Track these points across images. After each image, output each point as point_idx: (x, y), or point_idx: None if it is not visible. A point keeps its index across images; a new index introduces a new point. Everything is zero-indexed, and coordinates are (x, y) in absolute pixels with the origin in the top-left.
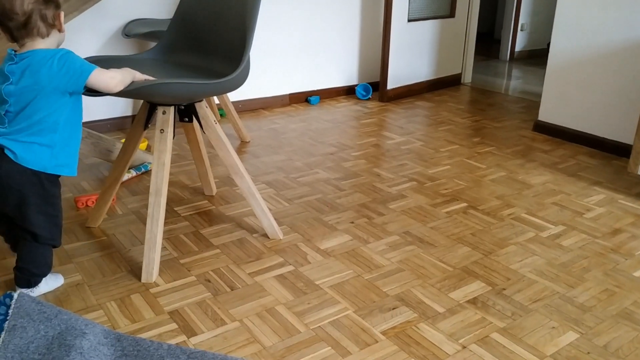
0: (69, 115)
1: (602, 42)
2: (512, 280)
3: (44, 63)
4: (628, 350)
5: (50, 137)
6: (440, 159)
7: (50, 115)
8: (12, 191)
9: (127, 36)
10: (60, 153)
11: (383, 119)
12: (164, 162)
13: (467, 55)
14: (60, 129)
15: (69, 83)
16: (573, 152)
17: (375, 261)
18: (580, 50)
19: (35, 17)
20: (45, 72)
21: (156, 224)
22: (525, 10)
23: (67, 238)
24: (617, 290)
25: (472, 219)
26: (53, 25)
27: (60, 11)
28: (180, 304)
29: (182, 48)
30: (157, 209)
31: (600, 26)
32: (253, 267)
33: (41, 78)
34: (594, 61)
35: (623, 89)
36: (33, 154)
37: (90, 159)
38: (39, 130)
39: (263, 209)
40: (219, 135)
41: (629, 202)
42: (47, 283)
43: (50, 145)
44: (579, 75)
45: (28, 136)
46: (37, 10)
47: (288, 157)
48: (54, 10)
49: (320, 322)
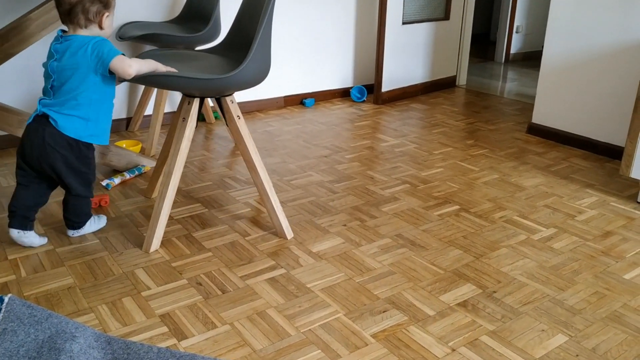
0: (101, 94)
1: (596, 44)
2: (503, 283)
3: (81, 46)
4: (617, 352)
5: (85, 111)
6: (434, 162)
7: (84, 92)
8: (52, 152)
9: (121, 39)
10: (93, 125)
11: (377, 122)
12: (180, 149)
13: (462, 57)
14: (94, 105)
15: (97, 65)
16: (566, 155)
17: (366, 264)
18: (573, 53)
19: (78, 9)
20: (81, 54)
21: (163, 201)
22: (520, 12)
23: (59, 241)
24: (607, 292)
25: (464, 222)
26: (93, 21)
27: (106, 11)
28: (171, 307)
29: (239, 43)
30: (166, 189)
31: (594, 29)
32: (245, 270)
33: (77, 59)
34: (588, 64)
35: (616, 92)
36: (71, 124)
37: None
38: (76, 104)
39: (275, 207)
40: (240, 130)
41: (620, 204)
42: (92, 225)
43: (85, 118)
44: (573, 78)
45: (67, 109)
46: (82, 4)
47: (282, 159)
48: (98, 8)
49: (311, 325)
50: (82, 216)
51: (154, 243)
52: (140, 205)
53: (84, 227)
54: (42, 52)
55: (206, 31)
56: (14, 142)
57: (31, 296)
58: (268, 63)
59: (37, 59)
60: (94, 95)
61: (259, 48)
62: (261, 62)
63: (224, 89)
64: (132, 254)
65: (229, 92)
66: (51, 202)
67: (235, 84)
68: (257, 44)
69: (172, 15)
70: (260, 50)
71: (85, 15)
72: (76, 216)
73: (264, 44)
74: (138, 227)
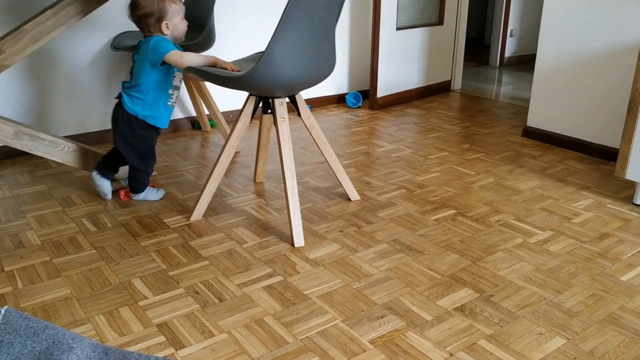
0: (157, 83)
1: (588, 47)
2: (500, 286)
3: (147, 44)
4: (614, 355)
5: (144, 95)
6: (430, 166)
7: (144, 79)
8: (117, 124)
9: (115, 49)
10: (149, 107)
11: (373, 127)
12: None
13: (457, 62)
14: (151, 90)
15: (153, 58)
16: (561, 157)
17: (363, 270)
18: (566, 56)
19: (141, 25)
20: (144, 50)
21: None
22: (514, 16)
23: (56, 252)
24: (604, 295)
25: (461, 226)
26: (153, 31)
27: (163, 21)
28: (168, 317)
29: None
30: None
31: (586, 32)
32: (242, 278)
33: (143, 53)
34: (581, 66)
35: (610, 94)
36: (132, 103)
37: (80, 171)
38: (138, 88)
39: (292, 213)
40: (280, 132)
41: (616, 206)
42: (151, 194)
43: (143, 101)
44: (567, 81)
45: (133, 91)
46: (140, 19)
47: (278, 166)
48: (153, 21)
49: (309, 332)
50: (139, 184)
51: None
52: (137, 215)
53: (142, 194)
54: (39, 63)
55: (201, 39)
56: (9, 153)
57: (28, 308)
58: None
59: (32, 70)
60: (152, 83)
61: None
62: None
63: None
64: (128, 264)
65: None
66: (47, 212)
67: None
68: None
69: None
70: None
71: (147, 28)
72: (133, 182)
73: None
74: (135, 236)
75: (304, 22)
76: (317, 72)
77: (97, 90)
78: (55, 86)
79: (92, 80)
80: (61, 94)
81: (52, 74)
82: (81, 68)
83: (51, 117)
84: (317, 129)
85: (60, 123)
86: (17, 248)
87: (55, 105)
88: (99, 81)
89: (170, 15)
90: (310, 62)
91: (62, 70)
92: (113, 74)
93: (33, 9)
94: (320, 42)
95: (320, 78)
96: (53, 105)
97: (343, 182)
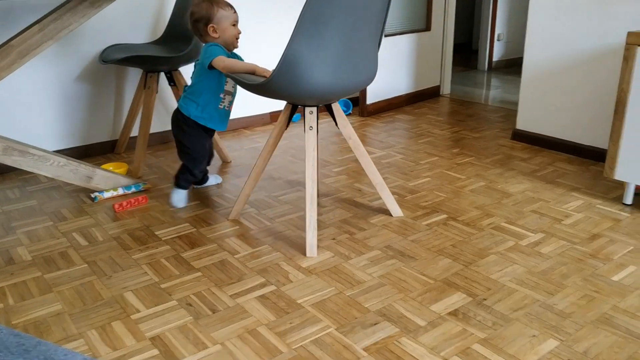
0: (208, 86)
1: (574, 50)
2: (493, 290)
3: (203, 49)
4: (607, 355)
5: (196, 97)
6: (421, 172)
7: (199, 83)
8: (175, 124)
9: (104, 62)
10: (201, 109)
11: (364, 134)
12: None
13: (445, 67)
14: (203, 93)
15: (203, 61)
16: (551, 159)
17: (356, 277)
18: (553, 59)
19: (195, 30)
20: (201, 54)
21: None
22: (500, 20)
23: (47, 267)
24: (596, 295)
25: (452, 230)
26: (204, 35)
27: (211, 25)
28: (161, 329)
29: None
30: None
31: (572, 34)
32: (234, 289)
33: (200, 57)
34: (568, 69)
35: (597, 95)
36: (186, 105)
37: (69, 185)
38: (193, 91)
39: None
40: (307, 140)
41: (606, 206)
42: (210, 181)
43: (196, 102)
44: (554, 83)
45: (189, 93)
46: (194, 25)
47: (270, 175)
48: (202, 26)
49: (302, 341)
50: (183, 181)
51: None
52: (129, 228)
53: (183, 192)
54: (26, 77)
55: (188, 50)
56: None
57: (19, 324)
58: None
59: (20, 84)
60: (204, 87)
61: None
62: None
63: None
64: (121, 277)
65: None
66: (38, 228)
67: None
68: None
69: (154, 36)
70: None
71: (199, 34)
72: (180, 176)
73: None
74: (126, 249)
75: (334, 22)
76: (351, 80)
77: (86, 103)
78: (43, 100)
79: (81, 94)
80: (50, 108)
81: (40, 87)
82: (69, 82)
83: (40, 131)
84: (355, 140)
85: (50, 137)
86: (7, 264)
87: (44, 120)
88: (87, 95)
89: (217, 19)
90: (342, 68)
91: (50, 84)
92: (102, 87)
93: (20, 24)
94: (356, 46)
95: (356, 87)
96: (42, 120)
97: (385, 197)
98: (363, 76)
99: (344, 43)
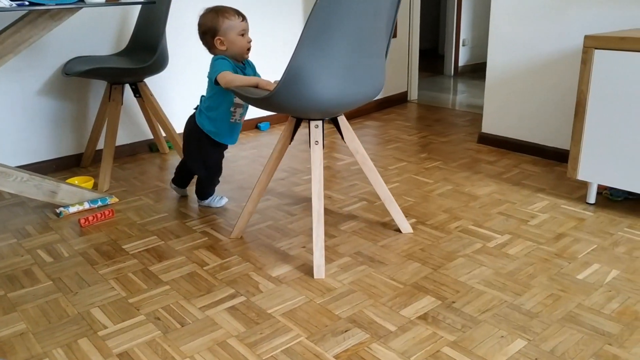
0: (218, 100)
1: (536, 54)
2: (461, 292)
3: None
4: (574, 352)
5: (209, 112)
6: (389, 177)
7: (210, 97)
8: (188, 134)
9: (67, 75)
10: (213, 123)
11: (333, 141)
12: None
13: (412, 73)
14: (214, 107)
15: (209, 76)
16: (517, 162)
17: (327, 284)
18: (516, 63)
19: (203, 42)
20: (209, 68)
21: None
22: (465, 25)
23: (10, 286)
24: (562, 294)
25: (421, 234)
26: (212, 48)
27: (218, 37)
28: (129, 345)
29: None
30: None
31: (532, 39)
32: (204, 301)
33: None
34: (530, 72)
35: (559, 97)
36: (201, 119)
37: (34, 201)
38: (205, 104)
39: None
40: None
41: (570, 206)
42: (215, 202)
43: (210, 117)
44: (517, 87)
45: (203, 106)
46: (202, 38)
47: (239, 185)
48: (209, 38)
49: (273, 351)
50: (204, 192)
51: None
52: (95, 243)
53: (207, 201)
54: None
55: (153, 61)
56: None
57: None
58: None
59: None
60: (214, 101)
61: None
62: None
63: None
64: (87, 294)
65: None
66: (1, 246)
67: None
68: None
69: (118, 48)
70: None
71: (207, 46)
72: (198, 190)
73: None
74: (93, 265)
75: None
76: (359, 92)
77: (50, 117)
78: (6, 115)
79: (45, 108)
80: (13, 123)
81: (1, 102)
82: (32, 95)
83: (3, 147)
84: (363, 154)
85: (14, 153)
86: None
87: (7, 135)
88: (52, 108)
89: (224, 31)
90: (349, 80)
91: (12, 98)
92: (66, 100)
93: None
94: (363, 56)
95: (364, 99)
96: (5, 135)
97: (393, 213)
98: (370, 87)
99: (351, 54)
